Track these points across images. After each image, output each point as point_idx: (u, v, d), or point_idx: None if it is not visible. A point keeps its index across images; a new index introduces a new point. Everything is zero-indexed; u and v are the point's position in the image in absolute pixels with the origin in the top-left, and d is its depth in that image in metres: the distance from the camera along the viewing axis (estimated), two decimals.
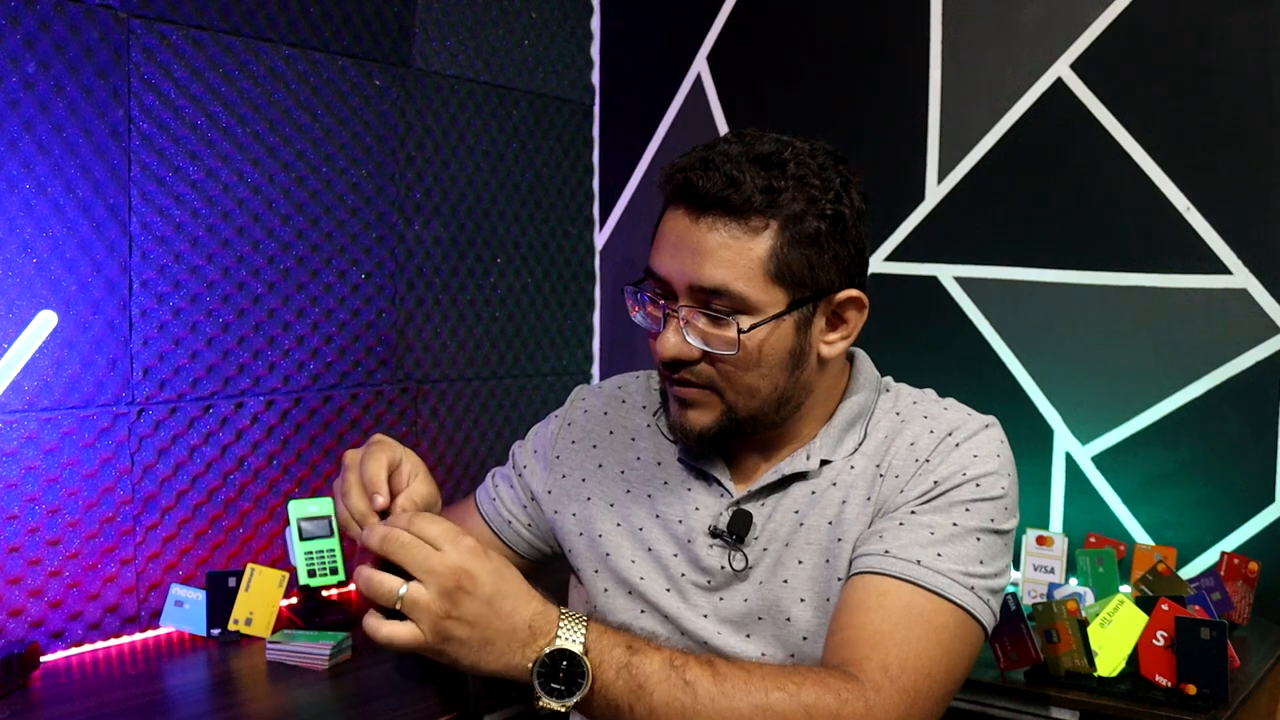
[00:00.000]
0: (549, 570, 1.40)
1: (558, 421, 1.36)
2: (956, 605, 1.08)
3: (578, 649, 0.96)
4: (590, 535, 1.27)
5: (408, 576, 0.95)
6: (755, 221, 1.10)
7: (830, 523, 1.18)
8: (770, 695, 0.98)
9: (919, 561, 1.09)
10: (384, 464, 1.06)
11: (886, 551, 1.10)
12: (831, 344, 1.18)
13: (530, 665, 0.96)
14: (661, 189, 1.15)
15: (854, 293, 1.17)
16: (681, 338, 1.13)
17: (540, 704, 0.96)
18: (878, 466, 1.19)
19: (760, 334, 1.12)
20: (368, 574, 0.95)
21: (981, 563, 1.11)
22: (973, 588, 1.09)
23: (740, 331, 1.11)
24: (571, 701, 0.96)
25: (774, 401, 1.17)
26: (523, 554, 1.38)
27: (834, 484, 1.19)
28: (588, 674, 0.96)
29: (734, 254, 1.10)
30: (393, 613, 0.95)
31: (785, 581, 1.18)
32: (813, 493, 1.20)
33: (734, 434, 1.19)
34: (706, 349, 1.13)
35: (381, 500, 1.05)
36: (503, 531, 1.38)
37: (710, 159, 1.11)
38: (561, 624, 0.97)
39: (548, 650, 0.96)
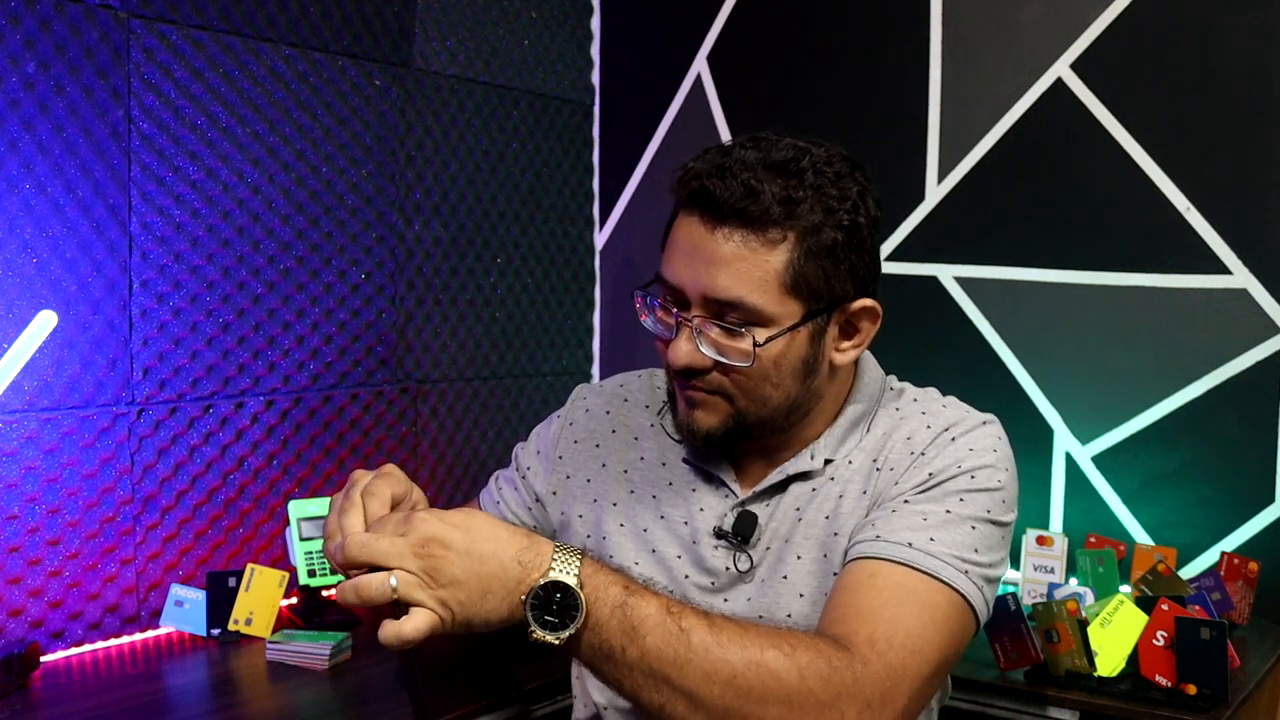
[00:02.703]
0: None
1: (559, 422, 1.36)
2: (949, 586, 1.06)
3: (572, 582, 0.94)
4: (596, 536, 1.27)
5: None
6: (773, 233, 1.08)
7: (827, 517, 1.18)
8: (765, 652, 0.95)
9: (910, 544, 1.08)
10: (388, 500, 1.03)
11: (878, 536, 1.09)
12: (844, 352, 1.17)
13: (523, 598, 0.93)
14: (674, 193, 1.13)
15: (868, 302, 1.16)
16: (694, 346, 1.12)
17: (534, 637, 0.94)
18: (874, 461, 1.19)
19: (776, 347, 1.11)
20: (353, 581, 0.93)
21: (976, 550, 1.10)
22: (966, 572, 1.08)
23: (756, 345, 1.10)
24: (565, 634, 0.94)
25: (784, 409, 1.16)
26: None
27: (832, 479, 1.19)
28: (582, 607, 0.93)
29: (750, 266, 1.08)
30: (398, 612, 0.94)
31: (785, 578, 1.18)
32: (813, 490, 1.20)
33: (740, 437, 1.18)
34: (720, 359, 1.12)
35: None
36: None
37: (727, 166, 1.09)
38: (555, 557, 0.95)
39: (540, 582, 0.93)
